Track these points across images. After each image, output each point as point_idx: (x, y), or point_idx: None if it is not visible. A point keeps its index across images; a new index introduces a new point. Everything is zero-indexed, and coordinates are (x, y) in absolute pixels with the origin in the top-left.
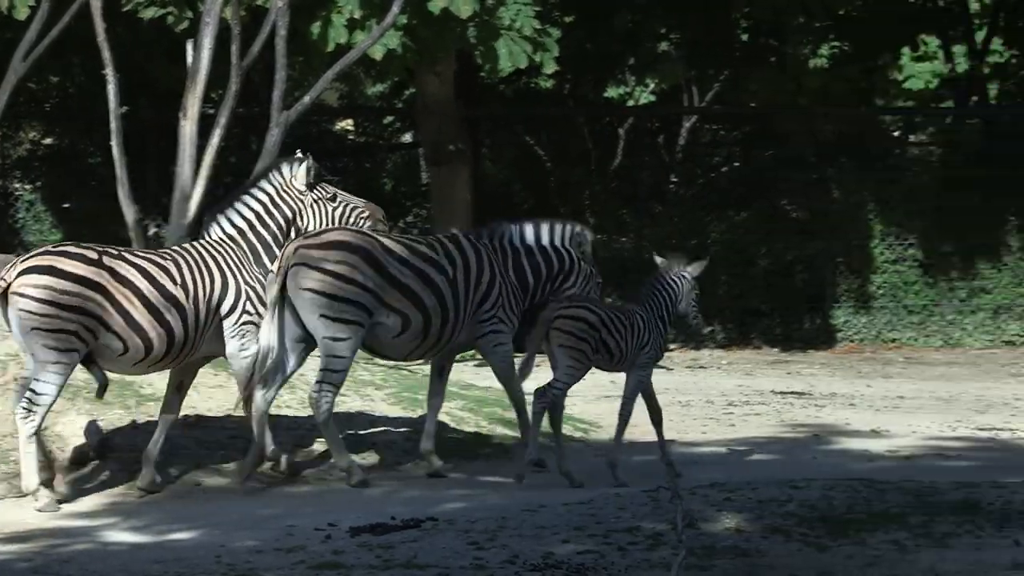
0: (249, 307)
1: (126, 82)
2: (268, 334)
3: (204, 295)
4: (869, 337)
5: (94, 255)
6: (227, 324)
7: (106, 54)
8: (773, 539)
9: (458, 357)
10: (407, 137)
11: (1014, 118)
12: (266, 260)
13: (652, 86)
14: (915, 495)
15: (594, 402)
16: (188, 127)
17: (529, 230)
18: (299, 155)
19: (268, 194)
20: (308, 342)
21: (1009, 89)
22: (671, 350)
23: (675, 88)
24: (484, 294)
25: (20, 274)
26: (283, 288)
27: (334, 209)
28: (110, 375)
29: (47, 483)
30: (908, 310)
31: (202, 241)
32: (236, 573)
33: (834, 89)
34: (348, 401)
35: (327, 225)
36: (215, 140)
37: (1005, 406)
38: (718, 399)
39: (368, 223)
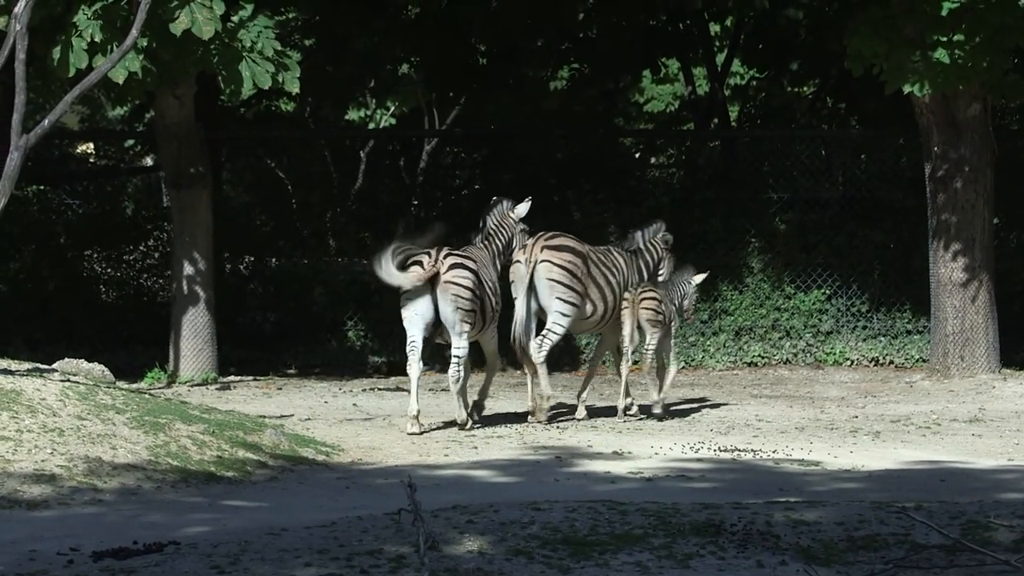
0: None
1: None
2: (522, 307)
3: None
4: (610, 359)
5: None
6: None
7: None
8: (516, 561)
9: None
10: (148, 160)
11: (754, 140)
12: (498, 266)
13: (393, 108)
14: (657, 516)
15: (336, 425)
16: None
17: (638, 235)
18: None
19: (496, 221)
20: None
21: (749, 111)
22: None
23: (415, 111)
24: (622, 292)
25: (451, 267)
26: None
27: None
28: None
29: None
30: None
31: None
32: None
33: (573, 111)
34: (89, 425)
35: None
36: None
37: (747, 427)
38: None
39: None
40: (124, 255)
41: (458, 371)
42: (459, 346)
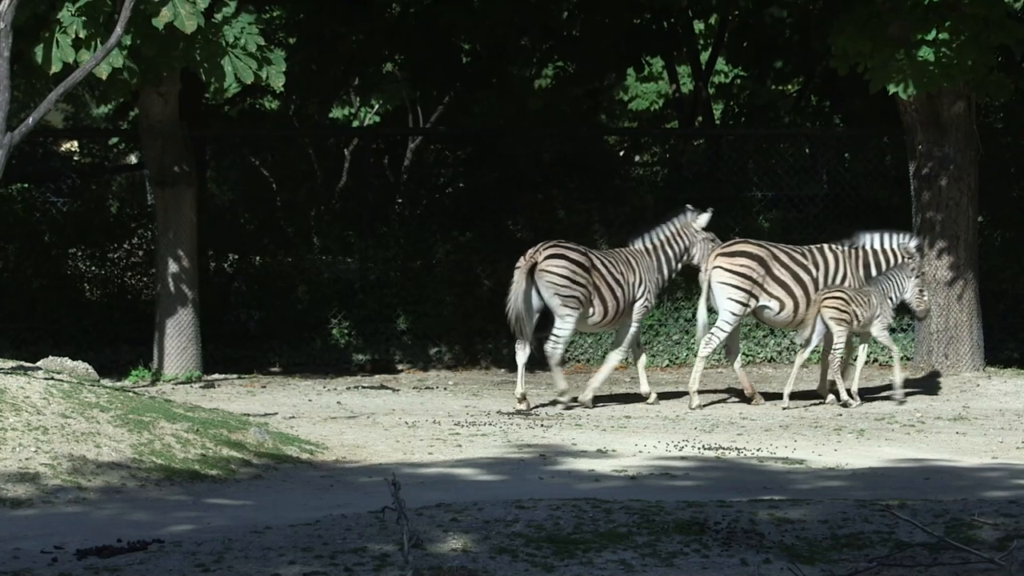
0: (649, 296)
1: None
2: (701, 313)
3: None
4: (596, 357)
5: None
6: (636, 305)
7: None
8: (500, 559)
9: None
10: (132, 158)
11: (738, 138)
12: (666, 270)
13: (377, 107)
14: (641, 514)
15: (320, 423)
16: None
17: (876, 237)
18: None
19: (676, 227)
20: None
21: (733, 109)
22: (399, 371)
23: (400, 109)
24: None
25: (547, 257)
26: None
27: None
28: None
29: None
30: None
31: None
32: None
33: (558, 109)
34: (73, 423)
35: (705, 254)
36: None
37: (731, 425)
38: (445, 420)
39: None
40: (108, 253)
41: (555, 348)
42: (559, 327)
